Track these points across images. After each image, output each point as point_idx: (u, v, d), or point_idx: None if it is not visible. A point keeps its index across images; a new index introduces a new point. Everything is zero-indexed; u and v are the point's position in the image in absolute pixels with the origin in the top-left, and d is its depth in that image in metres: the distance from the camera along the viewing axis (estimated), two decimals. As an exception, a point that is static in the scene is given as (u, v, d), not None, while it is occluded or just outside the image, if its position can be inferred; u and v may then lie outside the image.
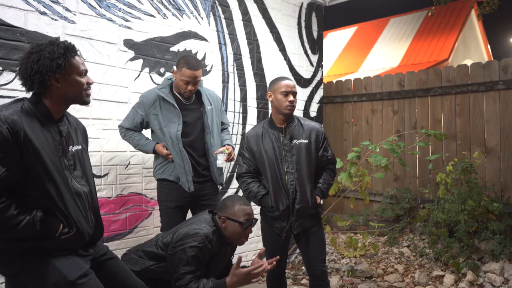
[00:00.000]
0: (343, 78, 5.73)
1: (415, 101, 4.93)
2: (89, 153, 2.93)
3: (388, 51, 12.75)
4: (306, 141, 2.51)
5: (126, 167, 3.15)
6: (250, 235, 3.83)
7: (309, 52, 4.68)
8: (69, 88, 1.65)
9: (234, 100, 3.90)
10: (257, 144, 2.54)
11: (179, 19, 3.48)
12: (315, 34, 4.75)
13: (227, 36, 3.85)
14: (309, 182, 2.48)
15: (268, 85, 4.14)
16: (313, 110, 4.75)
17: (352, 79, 5.58)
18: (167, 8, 3.39)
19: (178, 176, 2.73)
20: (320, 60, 4.82)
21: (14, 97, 2.58)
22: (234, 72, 3.90)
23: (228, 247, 2.27)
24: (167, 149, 2.74)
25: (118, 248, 3.08)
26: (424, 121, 4.85)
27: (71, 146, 1.72)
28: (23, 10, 2.65)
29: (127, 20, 3.15)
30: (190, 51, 3.55)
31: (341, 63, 13.29)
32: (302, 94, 4.61)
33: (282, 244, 2.56)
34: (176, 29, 3.46)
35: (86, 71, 1.73)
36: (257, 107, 4.11)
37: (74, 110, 2.88)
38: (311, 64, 4.71)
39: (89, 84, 1.72)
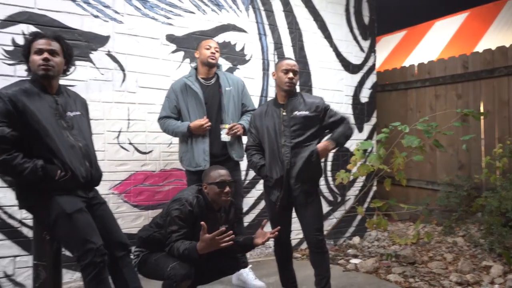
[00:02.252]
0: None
1: (480, 83, 4.60)
2: (134, 132, 3.46)
3: (502, 37, 11.55)
4: (306, 112, 2.67)
5: (169, 145, 3.61)
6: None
7: (359, 38, 4.68)
8: (31, 65, 2.12)
9: (275, 86, 4.13)
10: (260, 120, 2.78)
11: (218, 14, 3.85)
12: (366, 19, 4.73)
13: (267, 27, 4.10)
14: (307, 149, 2.63)
15: (311, 71, 4.33)
16: (364, 96, 4.73)
17: (416, 64, 5.39)
18: (206, 5, 3.78)
19: (195, 164, 3.04)
20: (372, 45, 4.78)
21: (73, 85, 3.22)
22: (274, 61, 4.13)
23: (217, 213, 2.55)
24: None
25: (160, 215, 3.55)
26: (489, 104, 4.51)
27: (69, 112, 2.19)
28: (80, 15, 3.27)
29: (168, 18, 3.61)
30: (229, 42, 3.89)
31: (449, 52, 12.37)
32: (351, 80, 4.63)
33: (280, 212, 2.74)
34: (215, 23, 3.83)
35: (42, 49, 2.10)
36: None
37: (123, 96, 3.43)
38: (362, 50, 4.70)
39: (44, 60, 2.09)
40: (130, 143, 3.46)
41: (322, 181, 4.41)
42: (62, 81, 3.14)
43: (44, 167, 2.00)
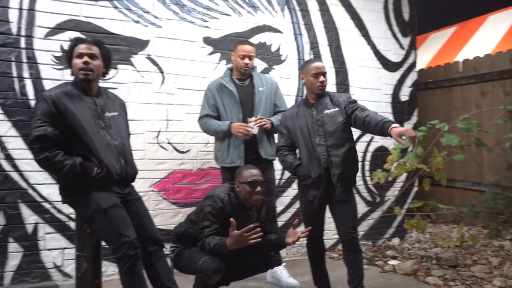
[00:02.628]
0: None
1: (529, 79, 4.36)
2: (173, 132, 3.59)
3: None
4: (337, 108, 2.67)
5: (206, 145, 3.71)
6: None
7: (398, 35, 4.58)
8: (73, 69, 2.27)
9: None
10: (292, 121, 2.81)
11: (253, 15, 3.91)
12: (406, 16, 4.62)
13: (302, 27, 4.11)
14: (343, 146, 2.64)
15: (348, 70, 4.30)
16: (404, 95, 4.62)
17: (461, 60, 5.19)
18: (241, 7, 3.86)
19: (230, 160, 3.12)
20: (412, 42, 4.66)
21: (115, 88, 3.39)
22: (310, 60, 4.14)
23: (249, 211, 2.60)
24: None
25: (198, 213, 3.65)
26: (540, 101, 4.27)
27: (107, 113, 2.31)
28: (122, 21, 3.44)
29: (205, 21, 3.72)
30: (265, 43, 3.94)
31: (503, 48, 11.70)
32: (390, 78, 4.54)
33: (316, 211, 2.75)
34: (250, 24, 3.90)
35: (83, 54, 2.24)
36: (337, 92, 4.25)
37: (162, 97, 3.57)
38: (401, 47, 4.60)
39: (84, 63, 2.23)
40: (169, 143, 3.59)
41: (360, 181, 4.36)
42: (106, 84, 3.34)
43: (82, 164, 2.14)
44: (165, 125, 3.58)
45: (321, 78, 2.67)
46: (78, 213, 2.31)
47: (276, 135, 3.22)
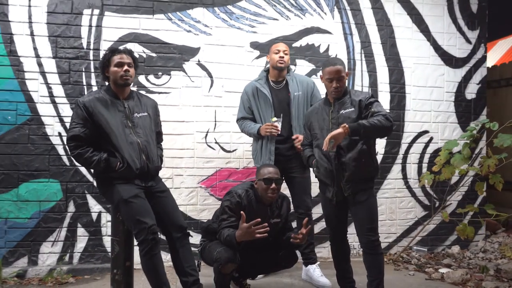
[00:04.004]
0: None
1: None
2: (220, 133, 3.85)
3: None
4: (352, 109, 2.64)
5: (251, 145, 3.87)
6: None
7: (464, 29, 4.26)
8: (111, 76, 2.57)
9: (362, 86, 4.08)
10: (311, 120, 2.85)
11: (301, 18, 3.98)
12: (474, 7, 4.28)
13: (353, 26, 4.07)
14: (353, 148, 2.60)
15: (404, 68, 4.16)
16: (471, 92, 4.28)
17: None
18: (289, 11, 3.95)
19: (262, 162, 3.22)
20: (481, 35, 4.30)
21: (169, 93, 3.74)
22: (361, 60, 4.08)
23: (267, 207, 2.70)
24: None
25: (244, 209, 3.86)
26: None
27: (136, 114, 2.60)
28: (175, 31, 3.77)
29: (253, 26, 3.90)
30: (313, 45, 3.99)
31: None
32: (454, 75, 4.25)
33: (334, 210, 2.76)
34: (298, 27, 3.97)
35: (123, 63, 2.54)
36: (390, 92, 4.13)
37: (210, 100, 3.84)
38: (468, 41, 4.27)
39: (125, 71, 2.53)
40: (216, 142, 3.85)
41: (415, 184, 4.17)
42: (160, 90, 3.70)
43: (107, 160, 2.46)
44: (213, 126, 3.84)
45: (335, 84, 2.63)
46: (109, 202, 2.66)
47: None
